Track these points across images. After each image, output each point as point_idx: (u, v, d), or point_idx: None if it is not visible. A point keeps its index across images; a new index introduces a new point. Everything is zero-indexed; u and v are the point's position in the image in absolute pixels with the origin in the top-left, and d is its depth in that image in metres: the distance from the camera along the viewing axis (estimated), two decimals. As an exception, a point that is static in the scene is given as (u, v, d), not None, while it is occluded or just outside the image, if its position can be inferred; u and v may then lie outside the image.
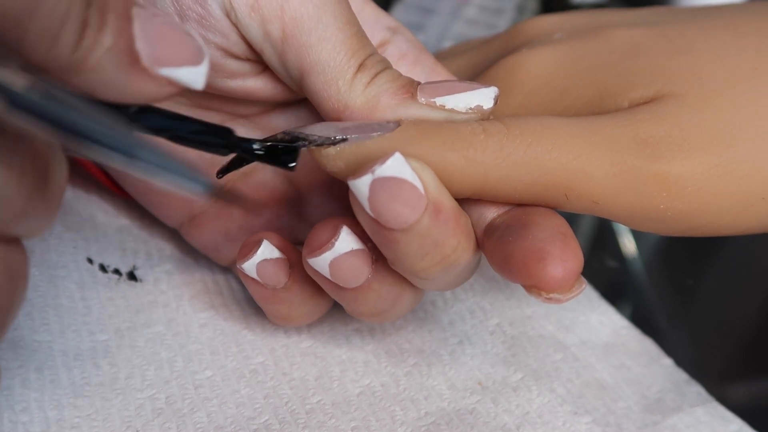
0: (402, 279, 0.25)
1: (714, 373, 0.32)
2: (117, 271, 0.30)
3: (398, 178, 0.22)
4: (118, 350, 0.28)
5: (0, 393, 0.25)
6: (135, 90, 0.19)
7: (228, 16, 0.24)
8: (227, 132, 0.22)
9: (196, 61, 0.20)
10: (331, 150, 0.23)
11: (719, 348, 0.34)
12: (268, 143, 0.23)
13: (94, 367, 0.27)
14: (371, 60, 0.24)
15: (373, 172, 0.22)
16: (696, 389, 0.28)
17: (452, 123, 0.23)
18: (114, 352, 0.27)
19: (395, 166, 0.22)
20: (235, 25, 0.24)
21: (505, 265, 0.23)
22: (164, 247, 0.32)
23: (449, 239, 0.23)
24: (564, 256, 0.22)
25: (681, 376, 0.29)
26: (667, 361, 0.29)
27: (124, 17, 0.18)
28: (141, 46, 0.18)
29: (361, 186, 0.22)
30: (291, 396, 0.27)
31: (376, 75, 0.24)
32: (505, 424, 0.26)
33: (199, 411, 0.26)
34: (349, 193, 0.23)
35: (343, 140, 0.23)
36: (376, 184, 0.22)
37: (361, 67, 0.24)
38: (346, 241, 0.24)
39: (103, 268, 0.30)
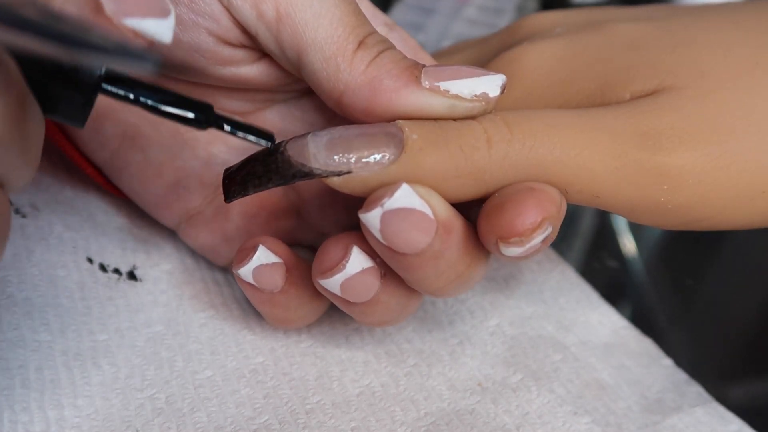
0: (409, 289, 0.25)
1: (714, 373, 0.32)
2: (117, 271, 0.30)
3: (407, 209, 0.22)
4: (118, 350, 0.28)
5: (0, 393, 0.25)
6: None
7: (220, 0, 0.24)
8: (207, 108, 0.22)
9: (161, 13, 0.20)
10: (336, 180, 0.23)
11: (719, 348, 0.34)
12: (245, 130, 0.23)
13: (94, 367, 0.27)
14: (372, 38, 0.24)
15: (382, 206, 0.22)
16: (696, 389, 0.28)
17: (455, 132, 0.23)
18: (114, 351, 0.27)
19: (403, 197, 0.22)
20: (227, 9, 0.24)
21: (478, 229, 0.23)
22: (164, 247, 0.32)
23: (462, 257, 0.23)
24: (525, 203, 0.22)
25: (681, 376, 0.29)
26: (667, 361, 0.29)
27: None
28: None
29: (371, 219, 0.22)
30: (291, 396, 0.27)
31: (378, 54, 0.23)
32: (505, 424, 0.26)
33: (199, 411, 0.26)
34: (360, 223, 0.23)
35: (348, 172, 0.23)
36: (386, 216, 0.22)
37: (361, 44, 0.23)
38: (356, 261, 0.24)
39: (103, 268, 0.30)
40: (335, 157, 0.22)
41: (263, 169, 0.23)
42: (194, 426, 0.25)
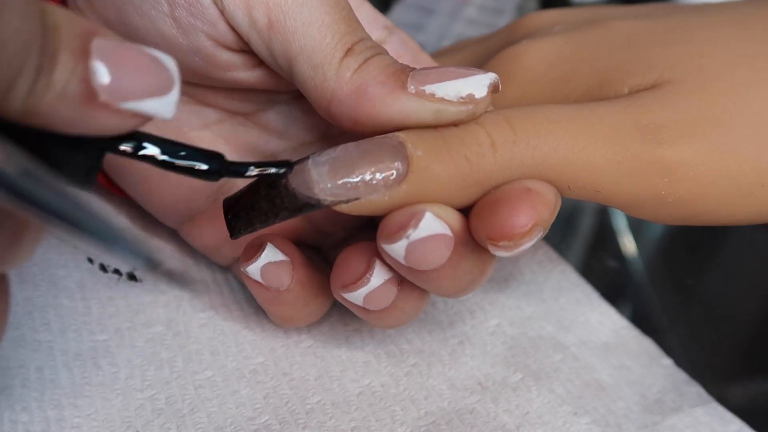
0: (423, 292, 0.25)
1: (714, 373, 0.32)
2: (117, 271, 0.31)
3: (431, 235, 0.22)
4: (118, 350, 0.28)
5: (0, 393, 0.25)
6: (96, 125, 0.18)
7: (215, 3, 0.23)
8: (218, 157, 0.21)
9: (163, 90, 0.18)
10: (344, 206, 0.22)
11: (719, 348, 0.34)
12: (261, 168, 0.23)
13: (94, 367, 0.27)
14: (361, 45, 0.23)
15: (408, 238, 0.22)
16: (696, 389, 0.28)
17: (459, 141, 0.23)
18: (114, 352, 0.27)
19: (428, 227, 0.22)
20: (222, 13, 0.24)
21: (470, 223, 0.23)
22: (164, 248, 0.32)
23: (477, 263, 0.24)
24: (519, 206, 0.22)
25: (681, 376, 0.29)
26: (667, 361, 0.29)
27: (79, 53, 0.17)
28: (99, 81, 0.17)
29: (397, 249, 0.22)
30: (291, 396, 0.27)
31: (366, 61, 0.23)
32: (505, 424, 0.26)
33: (199, 411, 0.26)
34: (378, 246, 0.23)
35: (356, 198, 0.22)
36: (411, 246, 0.22)
37: (349, 52, 0.23)
38: (379, 275, 0.24)
39: (103, 268, 0.30)
40: (339, 182, 0.22)
41: (269, 204, 0.23)
42: (194, 426, 0.25)
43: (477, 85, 0.23)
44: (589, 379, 0.28)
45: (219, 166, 0.21)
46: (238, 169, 0.22)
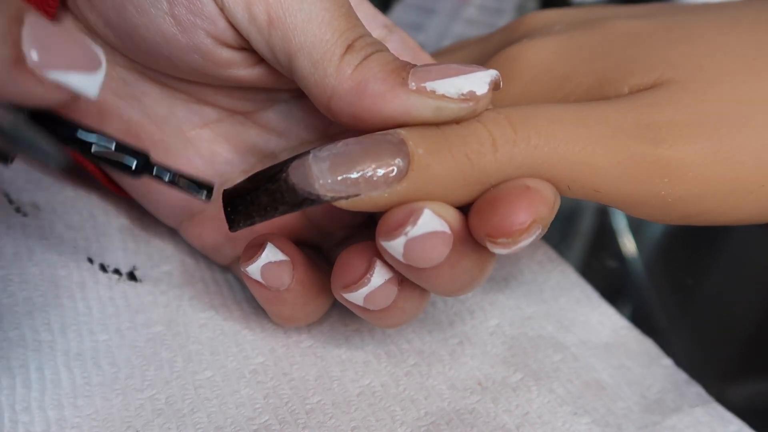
0: (423, 292, 0.25)
1: (714, 373, 0.32)
2: (117, 271, 0.31)
3: (429, 232, 0.22)
4: (118, 350, 0.28)
5: (0, 393, 0.25)
6: (21, 91, 0.18)
7: (215, 0, 0.23)
8: (143, 156, 0.22)
9: (89, 67, 0.19)
10: (344, 202, 0.22)
11: (719, 348, 0.34)
12: (182, 176, 0.23)
13: (94, 367, 0.27)
14: (361, 41, 0.23)
15: (406, 234, 0.22)
16: (696, 389, 0.28)
17: (460, 139, 0.22)
18: (114, 352, 0.28)
19: (427, 224, 0.22)
20: (222, 10, 0.24)
21: (469, 221, 0.23)
22: (164, 247, 0.32)
23: (476, 261, 0.24)
24: (517, 203, 0.22)
25: (681, 376, 0.29)
26: (667, 362, 0.29)
27: (13, 19, 0.18)
28: (28, 48, 0.18)
29: (395, 246, 0.22)
30: (291, 396, 0.27)
31: (367, 57, 0.23)
32: (505, 424, 0.26)
33: (199, 411, 0.26)
34: (377, 243, 0.23)
35: (356, 195, 0.22)
36: (409, 243, 0.22)
37: (349, 48, 0.23)
38: (380, 275, 0.24)
39: (103, 268, 0.30)
40: (340, 178, 0.22)
41: (268, 198, 0.23)
42: (194, 426, 0.25)
43: (478, 82, 0.23)
44: (589, 379, 0.28)
45: (143, 165, 0.22)
46: (160, 173, 0.23)
